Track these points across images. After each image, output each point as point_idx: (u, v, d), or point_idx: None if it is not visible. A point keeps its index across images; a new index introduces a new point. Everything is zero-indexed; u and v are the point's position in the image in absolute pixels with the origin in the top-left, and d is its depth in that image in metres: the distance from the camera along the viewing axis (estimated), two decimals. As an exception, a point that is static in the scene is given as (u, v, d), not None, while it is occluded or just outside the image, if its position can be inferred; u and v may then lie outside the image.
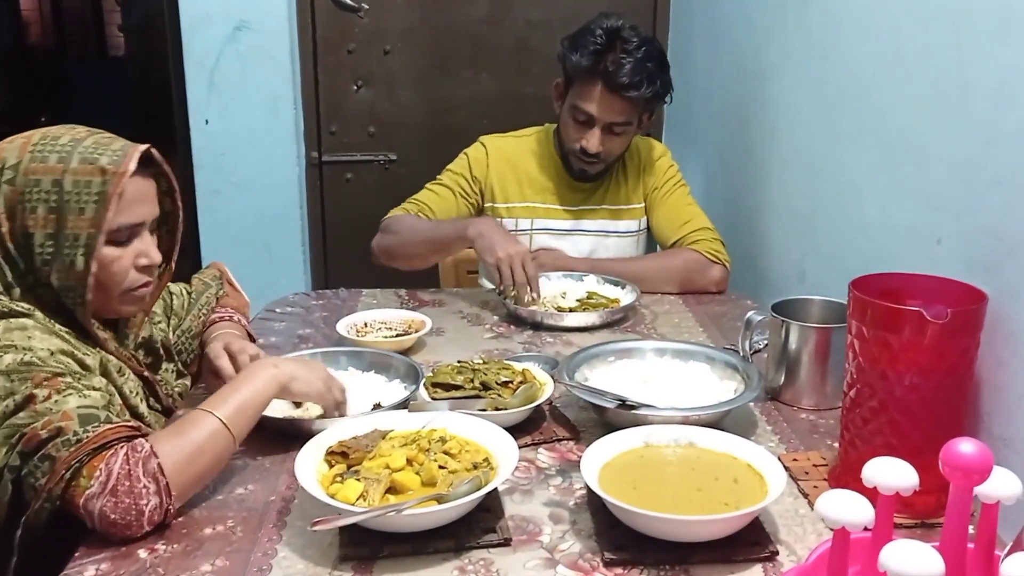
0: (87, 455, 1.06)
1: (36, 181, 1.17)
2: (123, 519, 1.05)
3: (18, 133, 1.23)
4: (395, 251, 2.06)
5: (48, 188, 1.16)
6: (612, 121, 1.99)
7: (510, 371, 1.43)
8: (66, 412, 1.08)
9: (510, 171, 2.15)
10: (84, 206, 1.17)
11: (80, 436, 1.06)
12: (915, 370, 1.09)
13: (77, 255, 1.17)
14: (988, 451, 0.83)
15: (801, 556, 1.05)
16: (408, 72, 2.95)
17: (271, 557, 1.06)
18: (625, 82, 1.93)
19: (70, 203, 1.17)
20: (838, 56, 1.73)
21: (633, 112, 2.00)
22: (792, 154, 1.99)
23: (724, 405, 1.33)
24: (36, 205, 1.16)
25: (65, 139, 1.20)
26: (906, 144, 1.45)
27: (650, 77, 1.95)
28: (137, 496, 1.06)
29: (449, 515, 1.07)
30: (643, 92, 1.95)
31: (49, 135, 1.21)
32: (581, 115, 2.00)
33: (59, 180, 1.17)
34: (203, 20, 2.75)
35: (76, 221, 1.17)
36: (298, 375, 1.27)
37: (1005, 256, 1.16)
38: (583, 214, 2.16)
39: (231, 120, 2.84)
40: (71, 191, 1.17)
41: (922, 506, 1.10)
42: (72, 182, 1.17)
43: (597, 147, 2.01)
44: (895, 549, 0.78)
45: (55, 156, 1.18)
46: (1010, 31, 1.16)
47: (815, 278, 1.85)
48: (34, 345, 1.12)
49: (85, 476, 1.05)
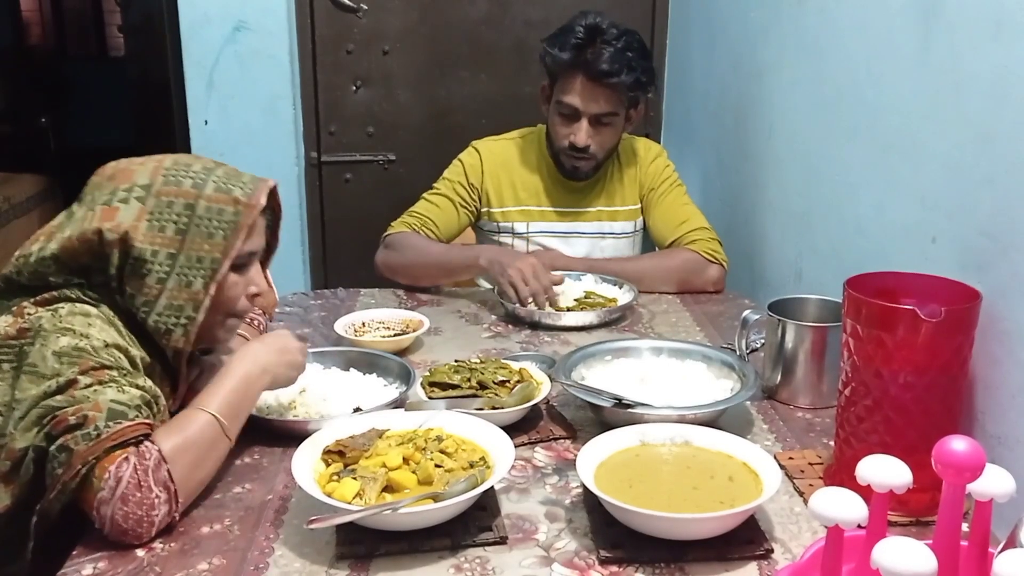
0: (104, 452, 1.06)
1: (169, 203, 1.21)
2: (134, 529, 1.06)
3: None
4: (401, 271, 2.07)
5: (180, 211, 1.21)
6: (598, 112, 2.00)
7: (507, 370, 1.44)
8: (98, 403, 1.09)
9: (504, 175, 2.15)
10: (213, 232, 1.22)
11: (100, 431, 1.07)
12: (909, 368, 1.10)
13: (197, 277, 1.21)
14: (980, 449, 0.84)
15: (796, 554, 1.06)
16: (407, 72, 2.96)
17: (268, 555, 1.06)
18: (605, 69, 1.94)
19: (200, 227, 1.21)
20: (833, 55, 1.73)
21: (618, 102, 2.01)
22: (789, 153, 1.99)
23: (720, 404, 1.33)
24: (165, 224, 1.20)
25: (197, 166, 1.26)
26: (900, 143, 1.45)
27: (629, 64, 1.96)
28: (149, 507, 1.06)
29: (445, 513, 1.08)
30: (623, 79, 1.95)
31: (181, 161, 1.26)
32: (566, 109, 2.01)
33: (192, 204, 1.21)
34: (202, 21, 2.75)
35: (203, 244, 1.21)
36: (280, 373, 1.29)
37: (998, 255, 1.17)
38: (579, 216, 2.16)
39: (230, 120, 2.84)
40: (203, 216, 1.21)
41: (916, 504, 1.10)
42: (205, 208, 1.22)
43: (586, 140, 2.01)
44: (888, 546, 0.79)
45: (189, 181, 1.23)
46: (1002, 31, 1.17)
47: (812, 277, 1.85)
48: (92, 333, 1.14)
49: (96, 477, 1.06)
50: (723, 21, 2.47)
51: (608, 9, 2.90)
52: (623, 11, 2.94)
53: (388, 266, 2.08)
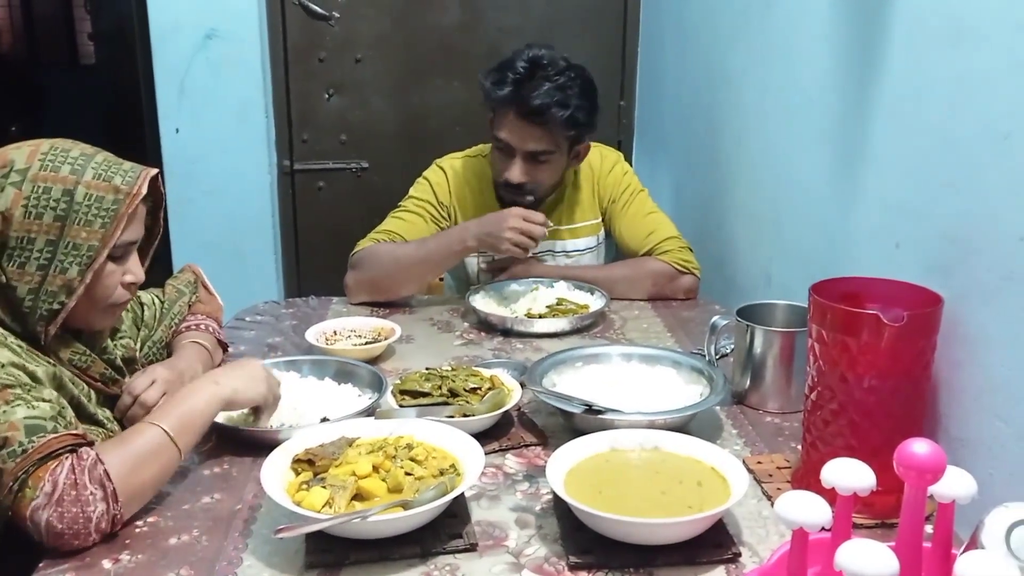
0: (33, 465, 1.06)
1: (47, 188, 1.19)
2: (70, 528, 1.05)
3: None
4: (376, 283, 1.98)
5: (58, 196, 1.19)
6: (531, 150, 1.93)
7: (478, 377, 1.44)
8: (12, 423, 1.08)
9: (469, 194, 2.11)
10: (92, 219, 1.20)
11: (25, 447, 1.06)
12: (873, 372, 1.11)
13: (73, 264, 1.20)
14: (941, 451, 0.85)
15: (764, 557, 1.06)
16: (380, 80, 2.96)
17: (236, 566, 1.06)
18: (536, 105, 1.86)
19: (78, 214, 1.19)
20: (800, 63, 1.75)
21: (551, 140, 1.93)
22: (758, 159, 2.01)
23: (689, 409, 1.34)
24: (43, 211, 1.18)
25: (76, 152, 1.23)
26: (864, 149, 1.47)
27: (562, 102, 1.87)
28: (84, 504, 1.06)
29: (415, 521, 1.08)
30: (555, 116, 1.87)
31: (58, 146, 1.23)
32: (501, 144, 1.96)
33: (71, 191, 1.19)
34: (173, 28, 2.74)
35: (80, 231, 1.19)
36: (239, 386, 1.29)
37: (959, 259, 1.18)
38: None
39: (202, 128, 2.83)
40: (82, 203, 1.19)
41: (882, 506, 1.12)
42: (84, 194, 1.20)
43: (520, 177, 1.95)
44: (850, 549, 0.79)
45: (67, 167, 1.21)
46: (962, 39, 1.19)
47: (781, 282, 1.87)
48: None
49: (31, 487, 1.06)
50: (694, 29, 2.49)
51: (581, 18, 2.96)
52: (596, 19, 2.97)
53: (362, 283, 1.99)
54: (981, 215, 1.14)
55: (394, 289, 1.99)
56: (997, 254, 1.11)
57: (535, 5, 2.94)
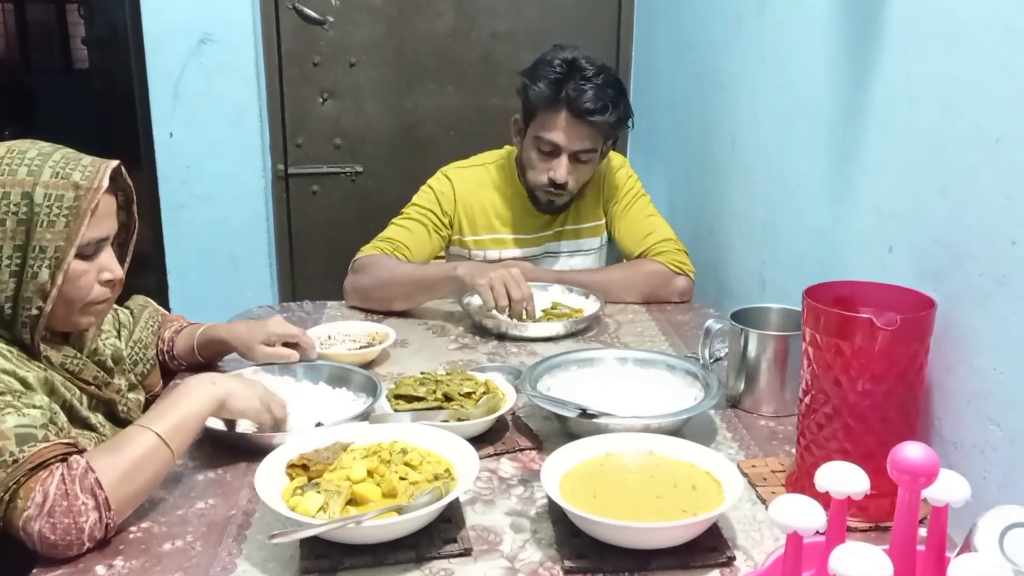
0: (23, 476, 1.06)
1: (5, 193, 1.17)
2: (63, 539, 1.05)
3: None
4: (372, 293, 1.99)
5: (18, 200, 1.17)
6: (578, 149, 1.99)
7: (473, 382, 1.44)
8: (2, 432, 1.07)
9: (476, 203, 2.13)
10: (55, 219, 1.18)
11: (16, 456, 1.06)
12: (867, 376, 1.11)
13: (43, 267, 1.18)
14: (934, 454, 0.85)
15: (758, 561, 1.07)
16: (374, 84, 2.96)
17: (230, 571, 1.05)
18: (590, 107, 1.93)
19: (40, 216, 1.17)
20: (793, 68, 1.76)
21: (598, 138, 2.00)
22: (752, 164, 2.02)
23: (684, 413, 1.34)
24: (4, 217, 1.17)
25: (32, 152, 1.21)
26: (857, 154, 1.48)
27: (613, 102, 1.96)
28: (76, 514, 1.05)
29: (409, 526, 1.08)
30: (607, 117, 1.95)
31: (15, 148, 1.21)
32: (546, 145, 1.99)
33: (29, 193, 1.17)
34: (167, 33, 2.73)
35: (44, 234, 1.18)
36: (236, 392, 1.27)
37: (952, 263, 1.19)
38: (548, 239, 2.16)
39: (196, 133, 2.82)
40: (42, 203, 1.17)
41: (876, 510, 1.12)
42: (43, 195, 1.18)
43: (565, 176, 2.00)
44: (844, 552, 0.80)
45: (24, 169, 1.19)
46: (955, 45, 1.19)
47: (775, 286, 1.88)
48: None
49: (22, 498, 1.05)
50: (687, 34, 2.50)
51: (575, 23, 2.96)
52: (590, 25, 2.98)
53: (358, 289, 2.01)
54: (973, 219, 1.15)
55: (386, 301, 2.00)
56: (989, 258, 1.11)
57: (528, 11, 2.94)
